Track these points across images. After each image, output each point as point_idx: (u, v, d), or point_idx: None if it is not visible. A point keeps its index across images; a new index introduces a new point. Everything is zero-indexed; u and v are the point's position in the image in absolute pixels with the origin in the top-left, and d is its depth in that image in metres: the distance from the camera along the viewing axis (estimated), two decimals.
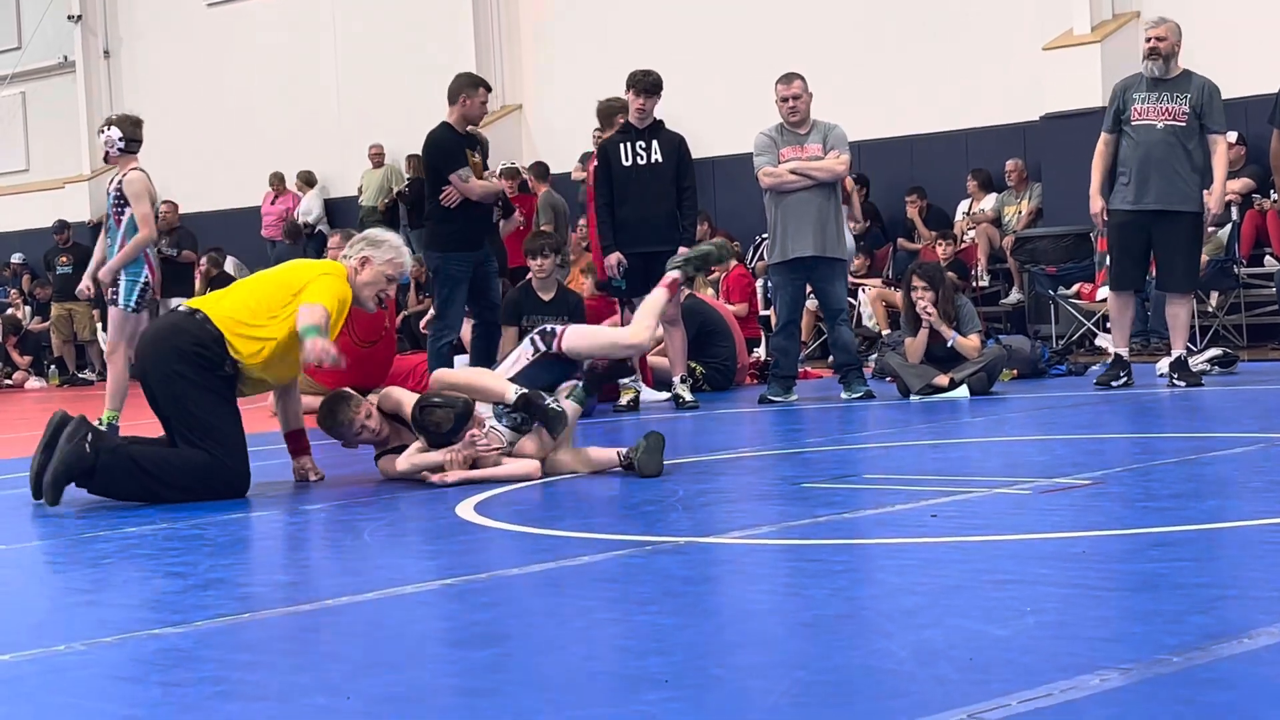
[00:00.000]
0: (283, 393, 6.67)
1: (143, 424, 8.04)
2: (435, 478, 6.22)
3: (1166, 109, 9.30)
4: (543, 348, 6.38)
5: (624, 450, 6.24)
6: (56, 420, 6.11)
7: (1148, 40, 9.46)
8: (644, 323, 6.54)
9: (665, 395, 10.20)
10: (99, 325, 19.65)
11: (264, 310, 6.15)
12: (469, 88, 9.82)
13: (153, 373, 6.10)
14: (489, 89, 10.03)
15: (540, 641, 3.30)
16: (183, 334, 6.11)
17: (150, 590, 4.21)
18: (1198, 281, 10.14)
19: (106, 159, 9.42)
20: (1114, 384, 9.39)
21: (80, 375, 20.19)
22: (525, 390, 6.25)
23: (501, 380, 6.37)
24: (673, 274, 6.72)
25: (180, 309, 6.36)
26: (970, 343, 9.74)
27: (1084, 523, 4.54)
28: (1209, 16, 14.05)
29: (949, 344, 9.71)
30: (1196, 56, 13.92)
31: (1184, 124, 9.26)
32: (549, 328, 6.51)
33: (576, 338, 6.43)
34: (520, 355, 6.46)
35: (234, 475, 6.11)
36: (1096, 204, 9.63)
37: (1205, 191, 9.39)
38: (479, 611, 3.76)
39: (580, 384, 6.49)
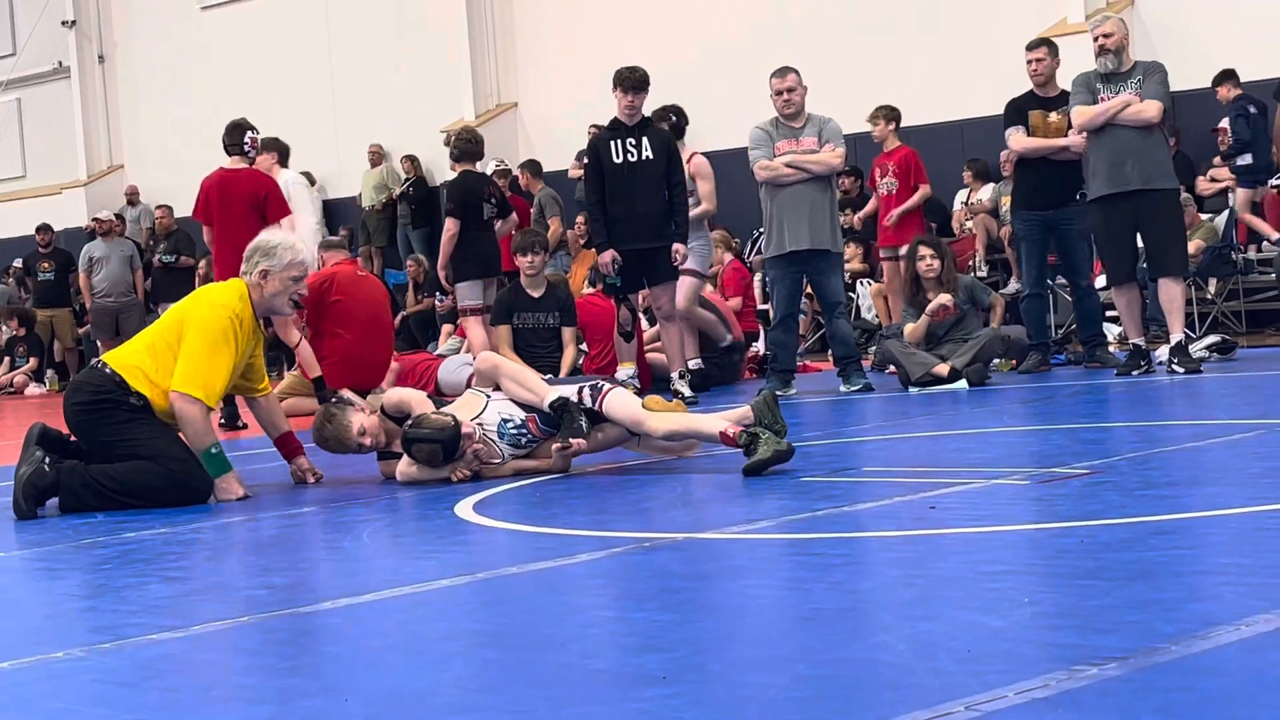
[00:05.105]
0: (252, 404, 6.70)
1: None
2: (455, 478, 6.24)
3: (1132, 96, 9.35)
4: (588, 402, 6.30)
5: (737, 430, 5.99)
6: (35, 433, 6.20)
7: (1096, 40, 9.56)
8: (668, 424, 6.23)
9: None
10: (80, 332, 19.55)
11: (162, 349, 6.24)
12: (1027, 50, 10.66)
13: (74, 430, 6.31)
14: (1032, 47, 10.66)
15: (539, 639, 3.30)
16: (83, 389, 6.32)
17: (148, 595, 4.20)
18: (1188, 264, 10.15)
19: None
20: (1134, 373, 9.42)
21: None
22: (564, 398, 6.25)
23: (545, 385, 6.38)
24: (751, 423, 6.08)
25: (92, 363, 6.60)
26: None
27: (1082, 512, 4.53)
28: (1213, 1, 14.04)
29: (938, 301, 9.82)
30: (1199, 42, 13.96)
31: None
32: (600, 383, 6.42)
33: (616, 403, 6.31)
34: (567, 391, 6.39)
35: (187, 477, 6.15)
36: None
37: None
38: (478, 611, 3.76)
39: None
